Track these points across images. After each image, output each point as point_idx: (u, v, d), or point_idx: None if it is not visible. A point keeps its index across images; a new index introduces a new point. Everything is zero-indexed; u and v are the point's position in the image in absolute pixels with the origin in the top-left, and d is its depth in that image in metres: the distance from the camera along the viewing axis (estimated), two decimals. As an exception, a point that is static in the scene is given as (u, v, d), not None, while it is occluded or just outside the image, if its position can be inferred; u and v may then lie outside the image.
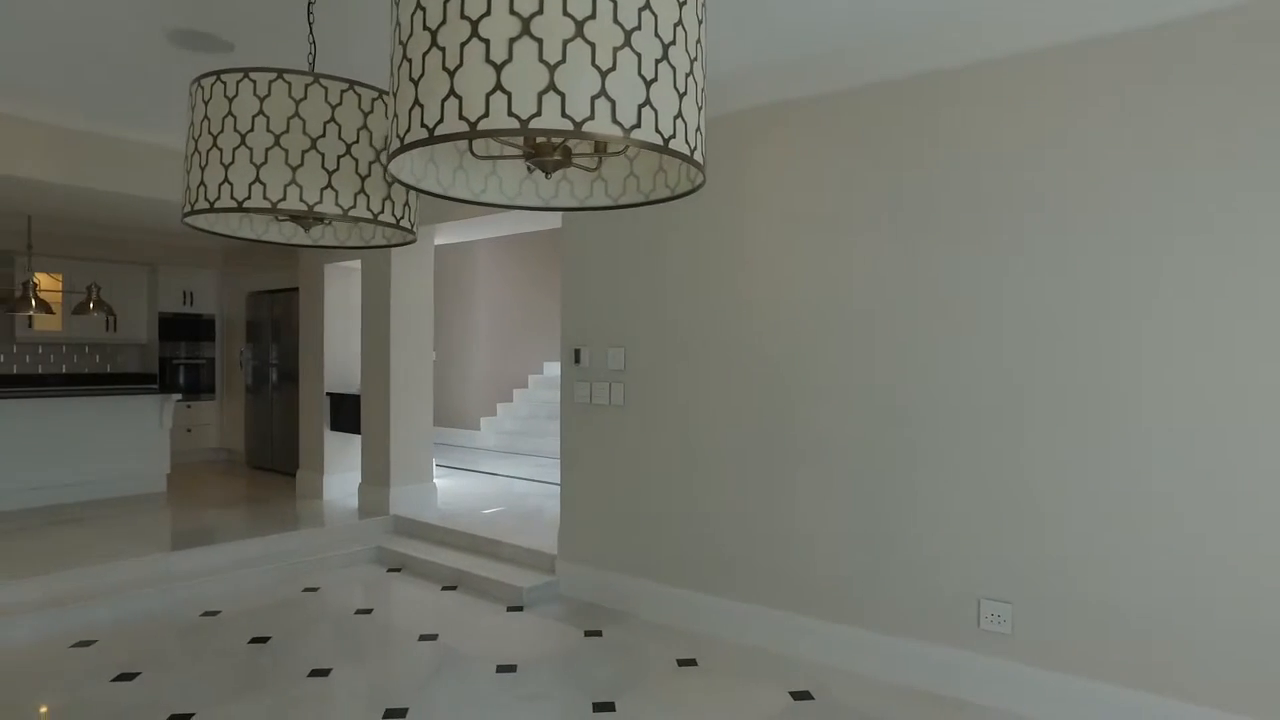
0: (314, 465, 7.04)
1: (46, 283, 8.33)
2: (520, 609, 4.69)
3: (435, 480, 6.62)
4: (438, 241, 6.59)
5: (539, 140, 1.72)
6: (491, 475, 8.24)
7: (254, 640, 4.16)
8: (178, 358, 9.21)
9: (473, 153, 1.71)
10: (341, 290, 7.04)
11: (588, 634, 4.28)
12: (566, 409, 4.92)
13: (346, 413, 6.79)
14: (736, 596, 4.14)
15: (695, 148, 1.59)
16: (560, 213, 4.96)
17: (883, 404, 3.66)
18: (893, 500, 3.63)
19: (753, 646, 4.09)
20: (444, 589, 5.07)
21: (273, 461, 8.48)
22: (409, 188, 1.79)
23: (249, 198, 2.14)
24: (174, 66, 3.92)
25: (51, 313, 6.88)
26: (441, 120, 1.41)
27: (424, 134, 1.43)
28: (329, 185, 2.19)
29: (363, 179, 2.25)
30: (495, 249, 10.84)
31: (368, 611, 4.64)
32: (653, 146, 1.48)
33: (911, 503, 3.58)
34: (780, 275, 3.98)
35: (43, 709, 3.39)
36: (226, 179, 2.16)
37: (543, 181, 2.01)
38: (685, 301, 4.34)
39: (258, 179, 2.14)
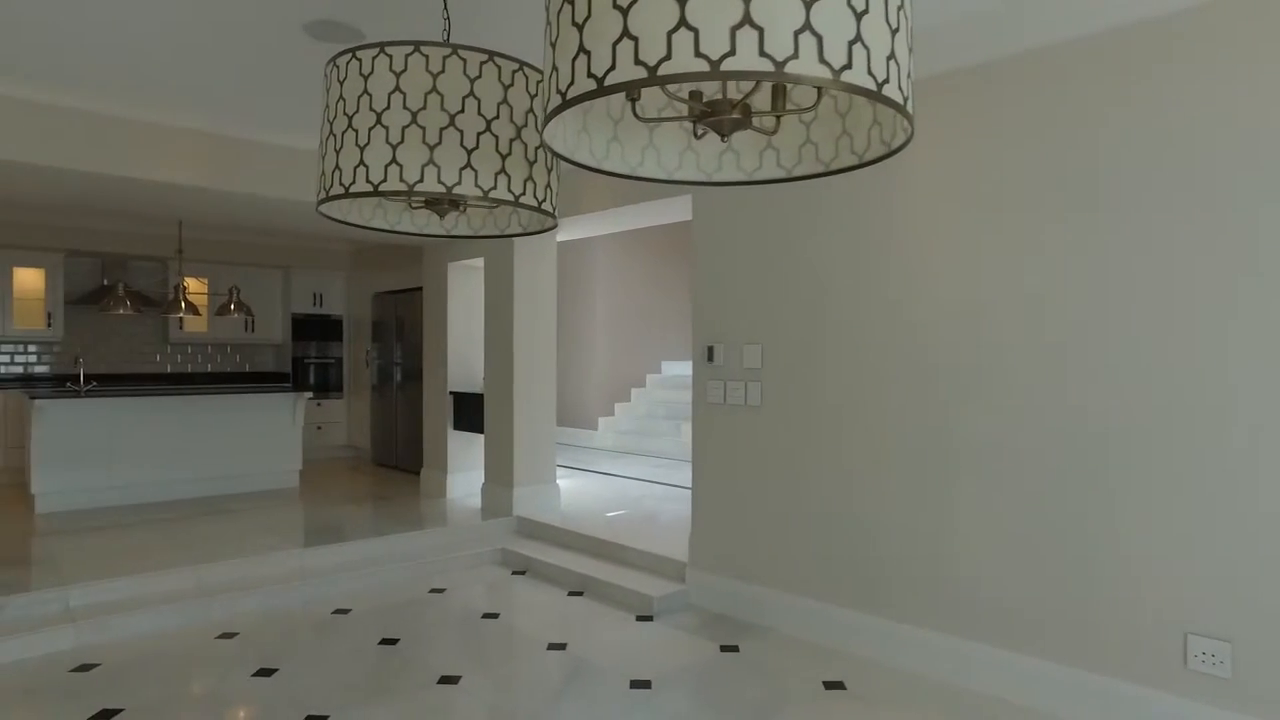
0: (438, 464, 7.05)
1: (194, 286, 8.72)
2: (650, 618, 4.47)
3: (557, 481, 6.51)
4: (560, 238, 6.47)
5: (715, 97, 1.48)
6: (609, 476, 8.09)
7: (384, 641, 4.10)
8: (309, 357, 9.49)
9: (636, 114, 1.47)
10: (464, 289, 7.03)
11: (723, 649, 4.02)
12: (699, 409, 4.67)
13: (469, 412, 6.76)
14: (889, 615, 3.79)
15: (908, 96, 1.32)
16: (693, 202, 4.73)
17: (1064, 408, 3.23)
18: (1075, 515, 3.20)
19: (909, 672, 3.72)
20: (570, 594, 4.91)
21: (397, 459, 8.60)
22: (561, 159, 1.57)
23: (385, 180, 1.98)
24: (310, 63, 3.89)
25: (198, 314, 7.15)
26: (614, 67, 1.19)
27: (592, 84, 1.21)
28: (468, 164, 2.01)
29: (503, 157, 2.07)
30: (613, 246, 10.72)
31: (494, 616, 4.52)
32: (865, 92, 1.22)
33: (1100, 519, 3.14)
34: (939, 263, 3.61)
35: (193, 694, 3.40)
36: (362, 161, 2.01)
37: (705, 153, 1.77)
38: (831, 293, 4.02)
39: (394, 160, 1.98)
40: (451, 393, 6.91)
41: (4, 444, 7.59)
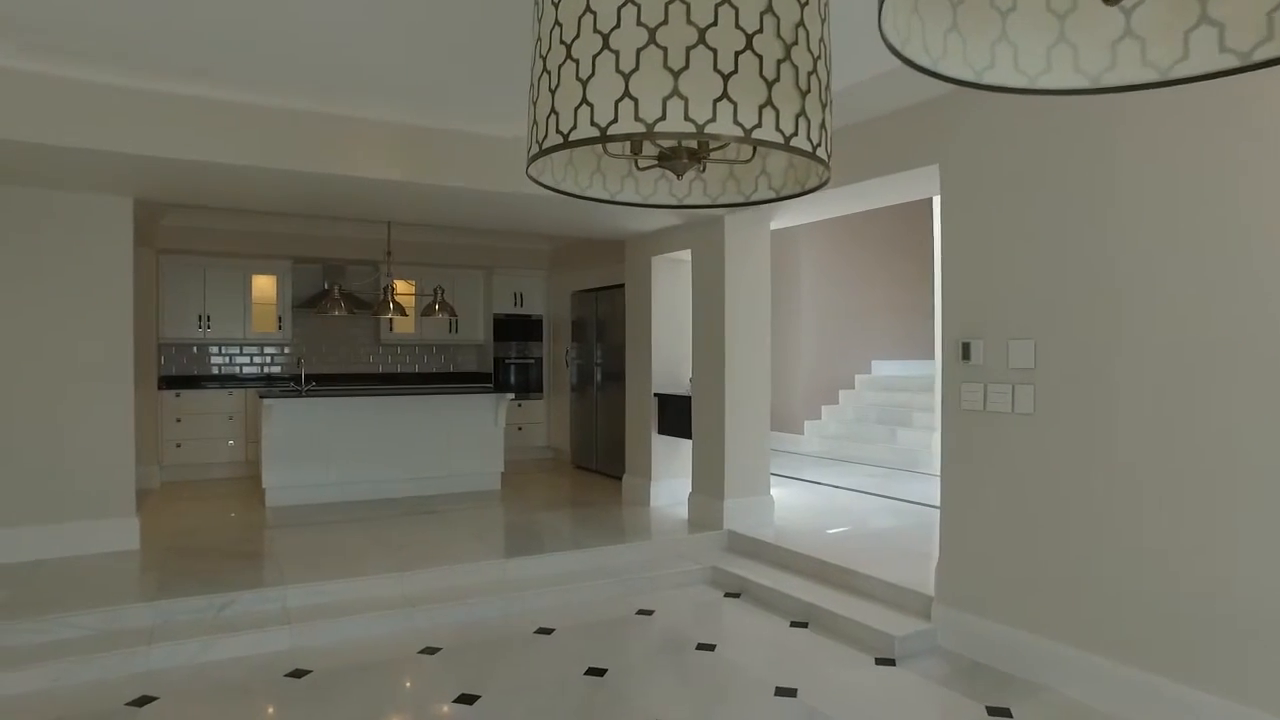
0: (640, 470, 6.68)
1: (402, 288, 8.93)
2: (891, 662, 3.80)
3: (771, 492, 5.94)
4: (773, 226, 5.89)
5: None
6: (819, 485, 7.40)
7: (590, 671, 3.71)
8: (509, 357, 9.49)
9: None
10: (670, 284, 6.62)
11: (991, 712, 3.29)
12: (951, 416, 3.95)
13: (675, 415, 6.33)
14: (1228, 693, 2.91)
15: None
16: (942, 176, 4.02)
17: None
18: None
19: (1261, 769, 2.84)
20: (793, 625, 4.33)
21: (596, 463, 8.36)
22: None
23: (615, 121, 1.51)
24: (515, 45, 3.56)
25: (405, 315, 7.24)
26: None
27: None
28: (724, 95, 1.49)
29: (769, 85, 1.54)
30: (817, 236, 9.98)
31: (710, 648, 4.02)
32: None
33: None
34: (1309, 229, 2.70)
35: (387, 733, 3.16)
36: (585, 100, 1.55)
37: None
38: (1136, 277, 3.18)
39: (627, 93, 1.50)
40: (656, 395, 6.52)
41: (246, 439, 8.06)
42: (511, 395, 7.43)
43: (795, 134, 1.61)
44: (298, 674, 3.69)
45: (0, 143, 3.94)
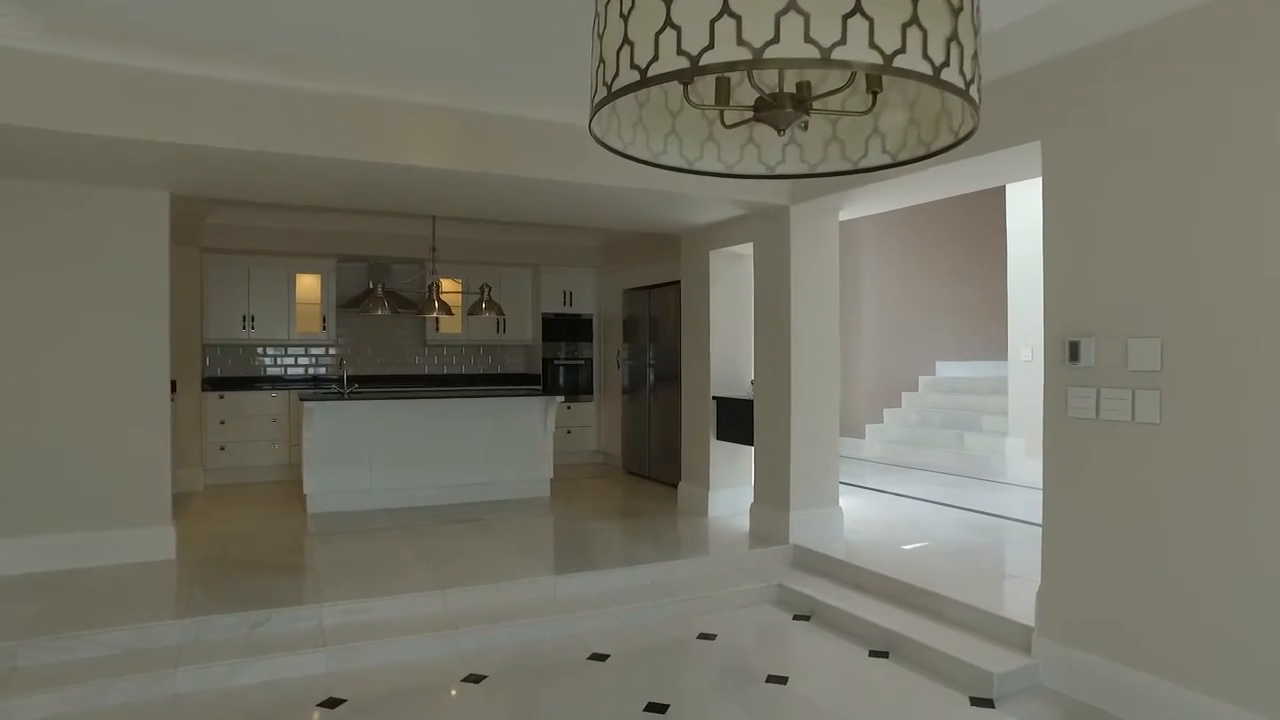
0: (697, 478, 6.30)
1: (448, 286, 8.67)
2: (990, 703, 3.36)
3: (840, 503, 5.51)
4: (842, 217, 5.46)
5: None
6: (885, 494, 6.94)
7: (651, 708, 3.34)
8: (558, 358, 9.18)
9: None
10: (729, 280, 6.22)
11: (1116, 768, 2.84)
12: (1055, 425, 3.49)
13: (735, 420, 5.93)
14: None
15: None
16: (1044, 152, 3.57)
17: None
18: None
19: None
20: (871, 654, 3.91)
21: (650, 469, 7.99)
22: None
23: (710, 47, 1.15)
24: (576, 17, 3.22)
25: (451, 314, 6.96)
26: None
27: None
28: (856, 9, 1.12)
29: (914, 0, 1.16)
30: (879, 229, 9.48)
31: (781, 680, 3.62)
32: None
33: None
34: None
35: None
36: (669, 22, 1.19)
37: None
38: (1292, 262, 2.71)
39: (726, 10, 1.14)
40: (714, 398, 6.13)
41: (289, 442, 7.87)
42: (561, 398, 7.11)
43: (946, 64, 1.22)
44: (331, 703, 3.38)
45: (31, 132, 3.72)
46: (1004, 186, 8.14)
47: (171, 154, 4.10)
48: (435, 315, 6.86)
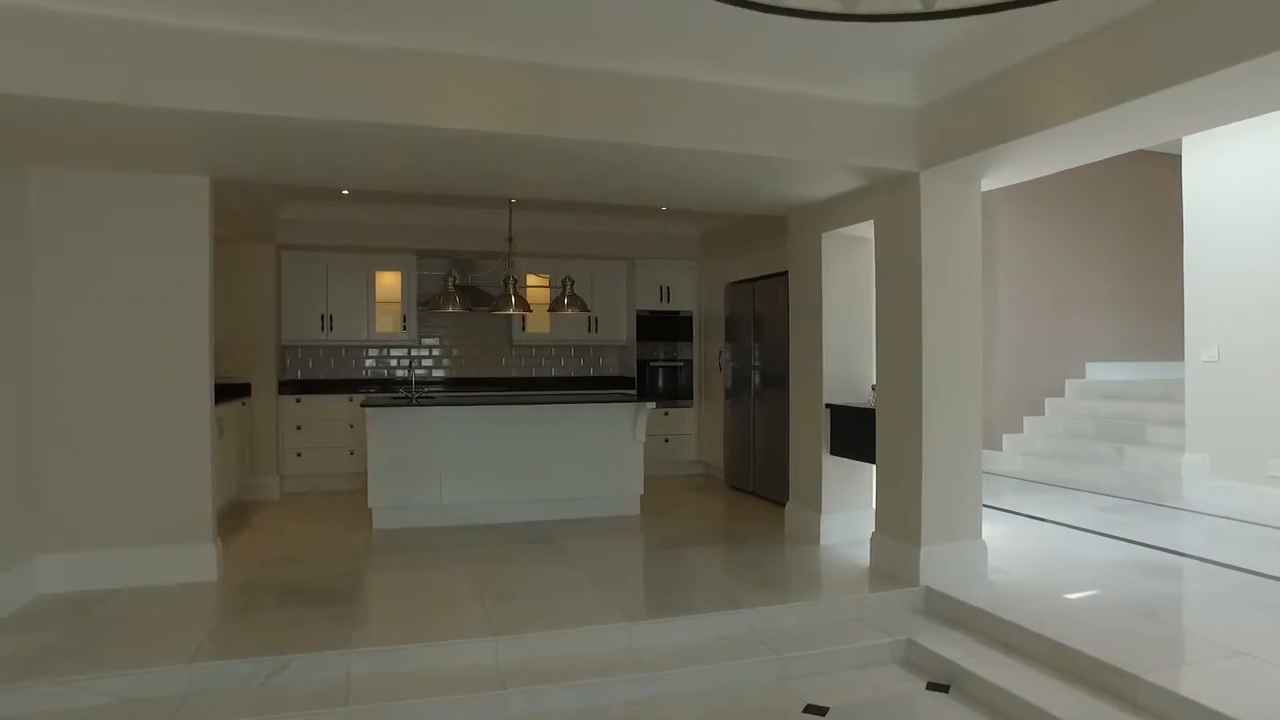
0: (807, 499, 5.39)
1: (535, 281, 8.05)
2: (1223, 845, 2.35)
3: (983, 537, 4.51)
4: (986, 185, 4.47)
5: None
6: (1028, 518, 5.81)
7: (742, 821, 2.50)
8: (655, 359, 8.40)
9: None
10: (845, 267, 5.29)
11: None
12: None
13: (852, 432, 5.00)
14: None
15: None
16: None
17: None
18: None
19: None
20: (1038, 750, 2.94)
21: (754, 484, 7.11)
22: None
23: None
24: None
25: (530, 310, 6.30)
26: None
27: None
28: None
29: None
30: (1016, 204, 8.24)
31: (918, 784, 2.71)
32: None
33: None
34: None
35: None
36: None
37: None
38: None
39: None
40: (828, 406, 5.20)
41: (366, 449, 7.39)
42: (653, 404, 6.32)
43: None
44: (341, 788, 2.71)
45: (56, 104, 3.24)
46: (1180, 154, 6.86)
47: (203, 126, 3.58)
48: (514, 313, 6.20)
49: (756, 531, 5.69)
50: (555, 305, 6.40)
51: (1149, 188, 8.47)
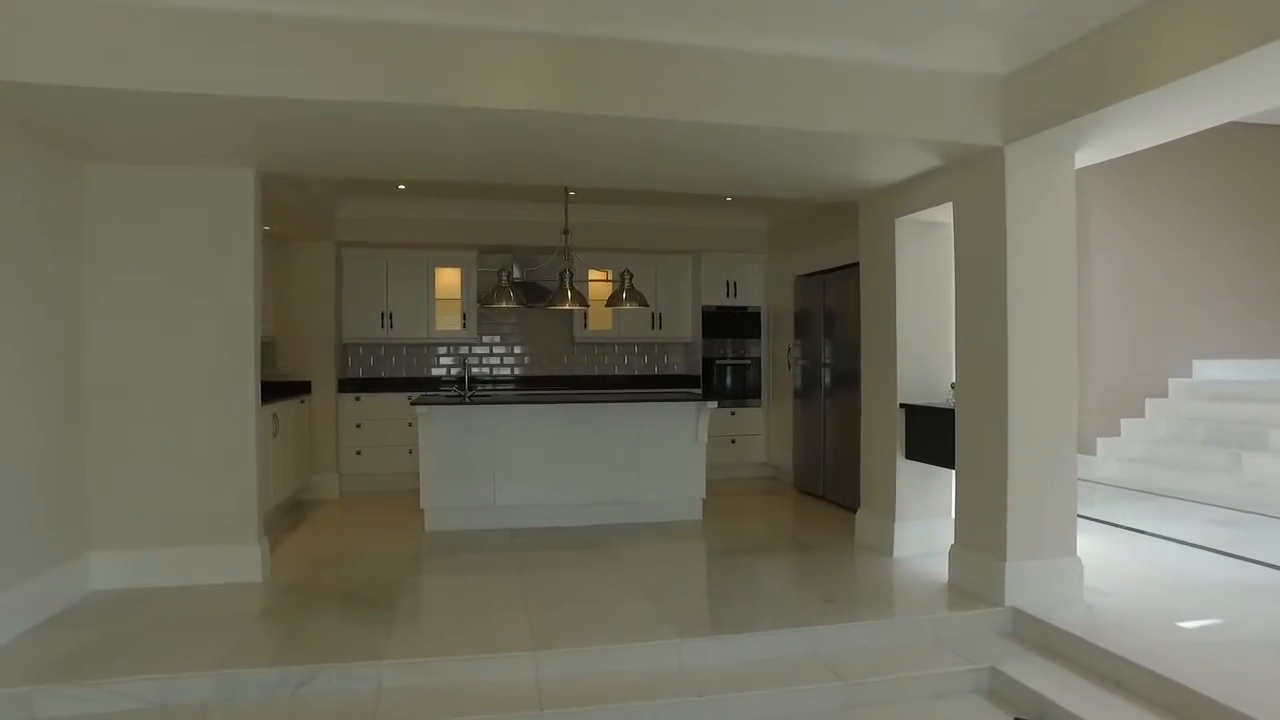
0: (880, 506, 5.00)
1: (595, 277, 7.82)
2: None
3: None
4: (1081, 161, 4.01)
5: None
6: (1129, 531, 5.27)
7: None
8: (722, 357, 8.07)
9: None
10: (920, 255, 4.88)
11: None
12: None
13: (930, 435, 4.60)
14: None
15: None
16: None
17: None
18: None
19: None
20: (1147, 805, 2.52)
21: (824, 488, 6.72)
22: None
23: None
24: None
25: (586, 306, 6.06)
26: None
27: None
28: None
29: None
30: (1112, 183, 7.56)
31: (1003, 842, 2.35)
32: None
33: None
34: None
35: None
36: None
37: None
38: None
39: None
40: (903, 406, 4.81)
41: (428, 447, 7.32)
42: (714, 403, 6.01)
43: None
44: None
45: (100, 94, 3.16)
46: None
47: (241, 115, 3.47)
48: (571, 308, 5.97)
49: (824, 540, 5.32)
50: (614, 300, 6.14)
51: (1272, 163, 7.70)
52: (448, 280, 7.78)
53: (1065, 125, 3.49)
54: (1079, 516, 4.07)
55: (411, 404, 5.56)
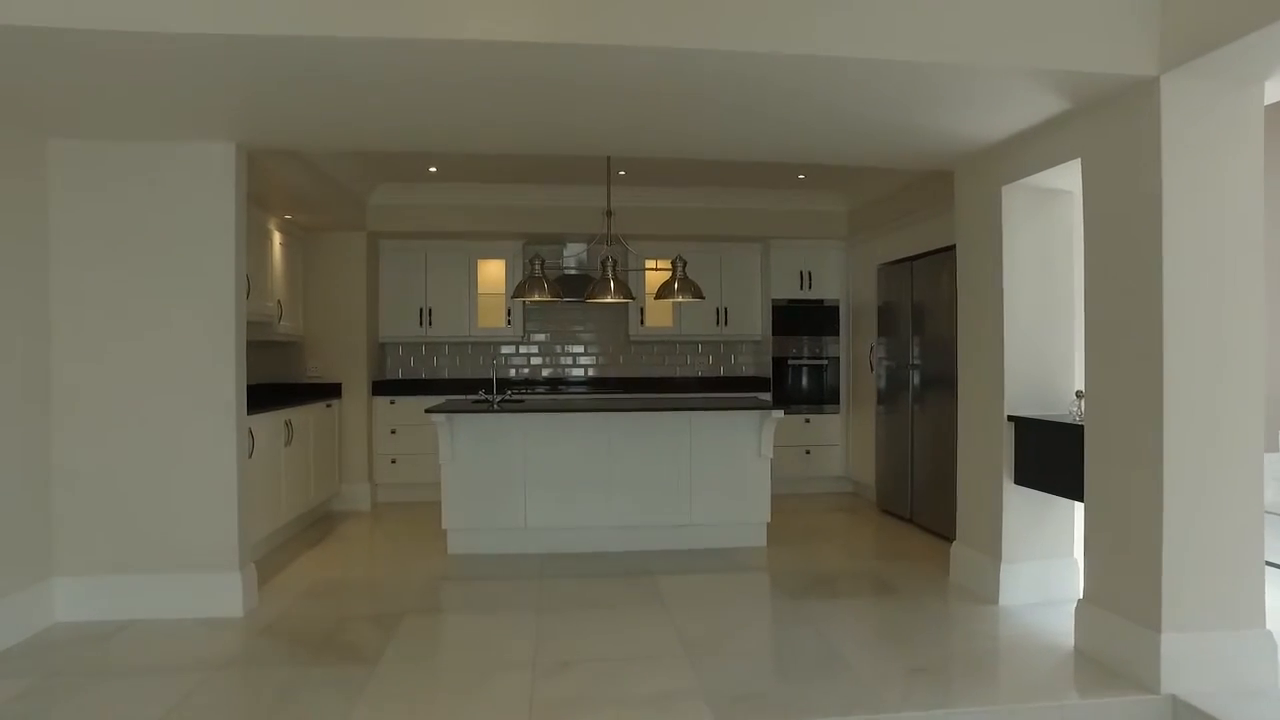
0: (981, 541, 4.06)
1: (651, 265, 7.02)
2: None
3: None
4: (1274, 95, 3.01)
5: None
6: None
7: None
8: (795, 356, 7.16)
9: None
10: (1034, 231, 3.93)
11: None
12: None
13: (1047, 455, 3.65)
14: None
15: None
16: None
17: None
18: None
19: None
20: None
21: (910, 509, 5.77)
22: None
23: None
24: None
25: (630, 297, 5.26)
26: None
27: None
28: None
29: None
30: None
31: None
32: None
33: None
34: None
35: None
36: None
37: None
38: None
39: None
40: (1011, 418, 3.86)
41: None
42: (782, 412, 5.13)
43: None
44: None
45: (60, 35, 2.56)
46: None
47: (213, 65, 2.83)
48: (614, 300, 5.19)
49: (912, 578, 4.40)
50: (664, 291, 5.33)
51: None
52: (491, 273, 7.13)
53: (1253, 37, 2.51)
54: (1269, 565, 3.05)
55: (426, 413, 4.88)
